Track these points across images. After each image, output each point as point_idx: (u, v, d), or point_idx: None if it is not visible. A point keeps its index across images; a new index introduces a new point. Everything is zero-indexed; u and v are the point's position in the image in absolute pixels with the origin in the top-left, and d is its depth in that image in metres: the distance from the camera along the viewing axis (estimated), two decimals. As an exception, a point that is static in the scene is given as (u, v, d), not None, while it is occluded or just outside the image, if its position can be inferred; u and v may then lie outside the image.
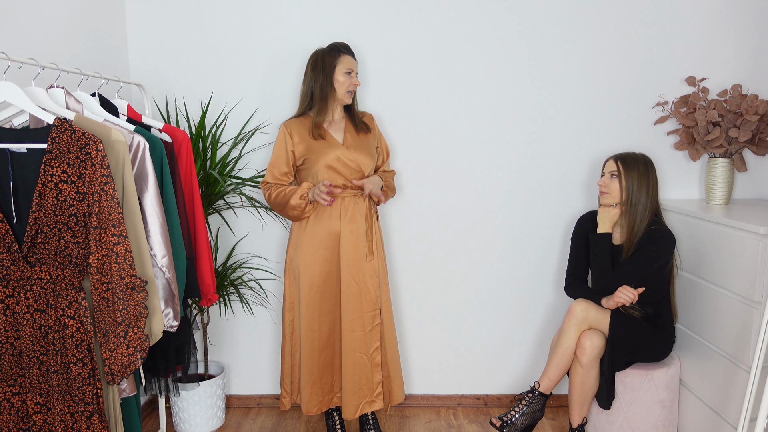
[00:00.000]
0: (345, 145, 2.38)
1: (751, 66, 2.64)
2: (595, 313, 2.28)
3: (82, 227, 1.59)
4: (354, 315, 2.36)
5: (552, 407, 2.87)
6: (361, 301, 2.37)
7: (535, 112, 2.71)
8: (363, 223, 2.38)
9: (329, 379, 2.45)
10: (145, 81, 2.71)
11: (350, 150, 2.37)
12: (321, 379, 2.43)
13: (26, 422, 1.64)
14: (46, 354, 1.61)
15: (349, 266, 2.35)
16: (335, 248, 2.37)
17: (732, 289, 2.10)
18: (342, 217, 2.36)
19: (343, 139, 2.40)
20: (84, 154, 1.57)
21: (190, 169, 2.16)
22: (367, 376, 2.40)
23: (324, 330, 2.40)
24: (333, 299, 2.40)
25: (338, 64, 2.34)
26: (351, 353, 2.37)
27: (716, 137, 2.46)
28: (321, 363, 2.42)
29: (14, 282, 1.58)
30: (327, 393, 2.46)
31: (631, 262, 2.27)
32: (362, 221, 2.38)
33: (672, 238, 2.27)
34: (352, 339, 2.36)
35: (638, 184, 2.30)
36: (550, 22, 2.65)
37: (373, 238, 2.43)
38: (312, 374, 2.41)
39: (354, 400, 2.40)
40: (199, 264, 2.20)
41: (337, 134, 2.41)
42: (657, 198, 2.35)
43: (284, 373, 2.51)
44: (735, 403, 2.08)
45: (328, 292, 2.39)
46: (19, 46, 1.98)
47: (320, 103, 2.37)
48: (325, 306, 2.39)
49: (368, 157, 2.40)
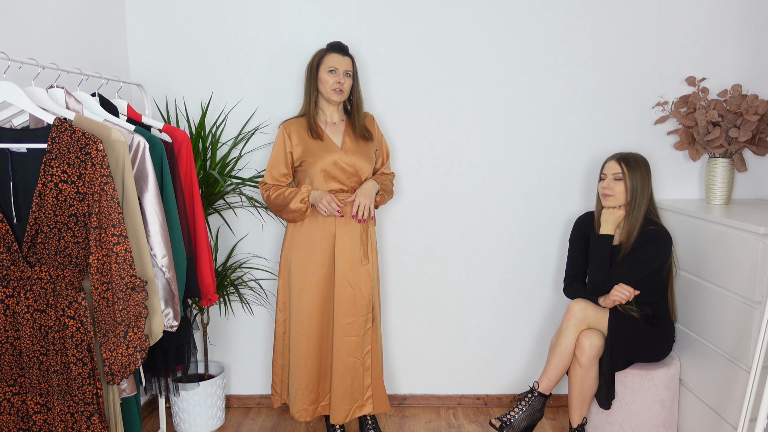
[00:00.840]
0: (343, 149, 2.36)
1: (751, 66, 2.64)
2: (593, 313, 2.28)
3: (82, 227, 1.59)
4: (349, 319, 2.35)
5: (552, 407, 2.87)
6: (356, 305, 2.35)
7: (535, 112, 2.71)
8: (358, 226, 2.36)
9: (316, 387, 2.43)
10: (145, 81, 2.71)
11: (348, 154, 2.35)
12: (308, 386, 2.40)
13: (26, 422, 1.64)
14: (46, 354, 1.61)
15: (344, 269, 2.34)
16: (330, 250, 2.35)
17: (732, 289, 2.10)
18: (338, 219, 2.34)
19: (341, 142, 2.38)
20: (84, 154, 1.57)
21: (190, 169, 2.16)
22: (359, 379, 2.39)
23: (313, 335, 2.38)
24: (326, 303, 2.38)
25: (323, 62, 2.32)
26: (344, 357, 2.35)
27: (716, 137, 2.46)
28: (309, 369, 2.39)
29: (14, 282, 1.58)
30: (313, 402, 2.43)
31: (626, 262, 2.27)
32: (358, 224, 2.36)
33: (669, 238, 2.27)
34: (346, 343, 2.35)
35: (641, 184, 2.30)
36: (548, 22, 2.65)
37: (369, 241, 2.41)
38: (300, 380, 2.40)
39: (345, 405, 2.38)
40: (199, 264, 2.20)
41: (336, 137, 2.39)
42: (653, 196, 2.35)
43: (275, 372, 2.51)
44: (735, 403, 2.08)
45: (321, 295, 2.36)
46: (19, 46, 1.98)
47: (313, 103, 2.37)
48: (315, 310, 2.36)
49: (367, 162, 2.38)
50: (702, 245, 2.29)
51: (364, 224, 2.39)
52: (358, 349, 2.37)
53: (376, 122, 2.51)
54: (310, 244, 2.35)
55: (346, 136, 2.39)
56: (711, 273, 2.23)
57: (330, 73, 2.31)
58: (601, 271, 2.29)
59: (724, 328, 2.15)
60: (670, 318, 2.37)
